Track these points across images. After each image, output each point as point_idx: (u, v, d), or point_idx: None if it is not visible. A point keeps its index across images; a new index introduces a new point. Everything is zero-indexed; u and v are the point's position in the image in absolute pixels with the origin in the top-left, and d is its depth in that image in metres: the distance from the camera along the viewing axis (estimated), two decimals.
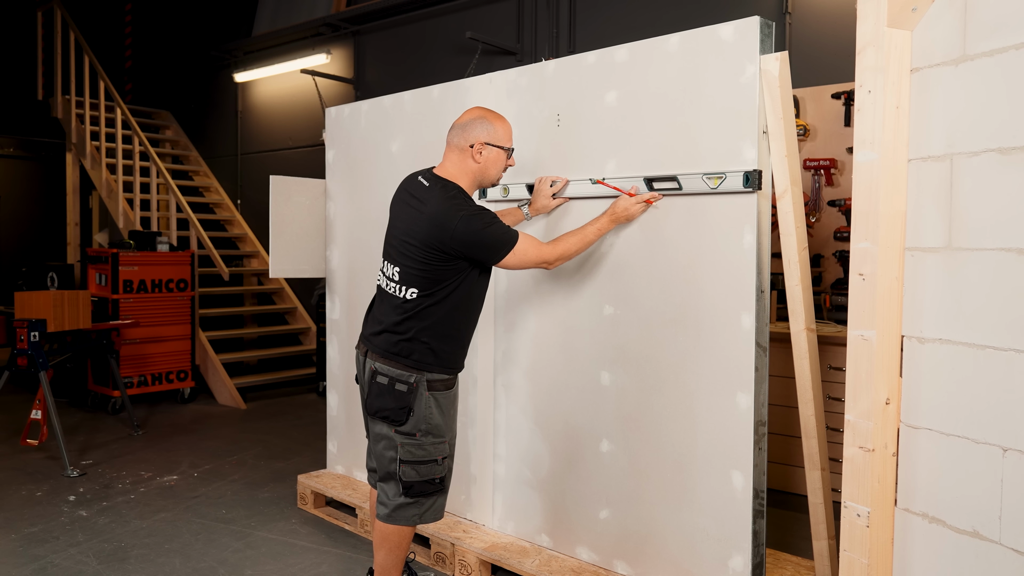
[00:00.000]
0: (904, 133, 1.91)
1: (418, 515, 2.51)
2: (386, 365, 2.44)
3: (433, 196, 2.41)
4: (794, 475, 4.00)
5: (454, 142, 2.48)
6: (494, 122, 2.48)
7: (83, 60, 7.53)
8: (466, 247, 2.36)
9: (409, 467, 2.45)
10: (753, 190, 2.36)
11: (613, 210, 2.57)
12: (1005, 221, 1.69)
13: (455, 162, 2.48)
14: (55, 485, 4.17)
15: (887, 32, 1.87)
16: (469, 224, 2.33)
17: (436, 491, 2.52)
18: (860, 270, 1.94)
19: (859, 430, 1.94)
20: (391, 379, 2.42)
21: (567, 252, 2.50)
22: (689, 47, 2.51)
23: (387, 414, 2.43)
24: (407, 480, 2.46)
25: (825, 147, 4.41)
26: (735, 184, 2.39)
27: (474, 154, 2.46)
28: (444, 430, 2.49)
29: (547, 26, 5.70)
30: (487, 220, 2.38)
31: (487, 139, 2.45)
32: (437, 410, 2.46)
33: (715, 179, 2.43)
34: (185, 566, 3.17)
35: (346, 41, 7.06)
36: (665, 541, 2.61)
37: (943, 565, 1.83)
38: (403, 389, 2.41)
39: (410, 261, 2.42)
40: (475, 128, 2.46)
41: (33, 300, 4.84)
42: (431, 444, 2.46)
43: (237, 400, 6.22)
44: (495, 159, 2.49)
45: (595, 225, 2.56)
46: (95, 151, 7.46)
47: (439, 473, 2.49)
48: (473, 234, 2.34)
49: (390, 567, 2.57)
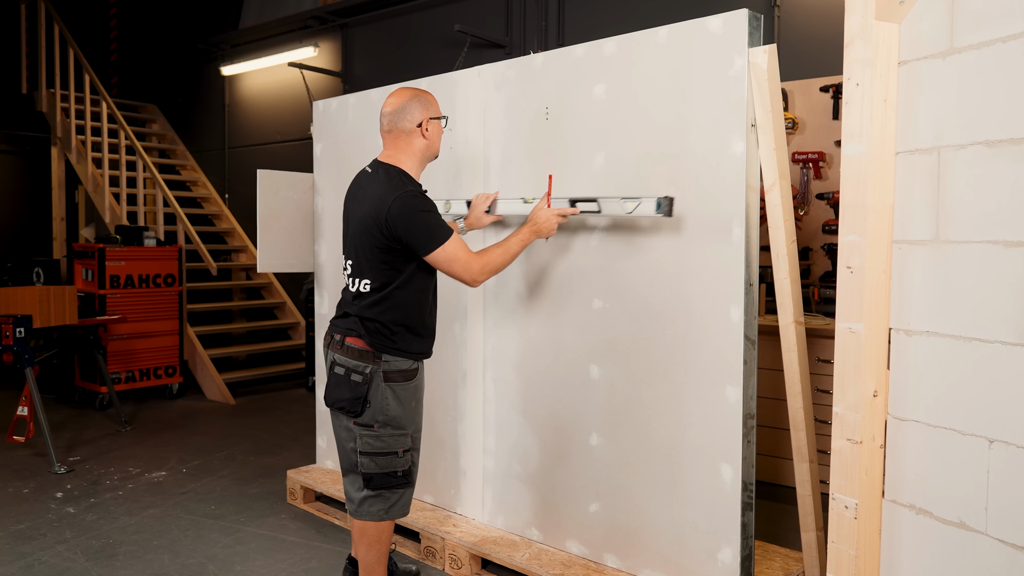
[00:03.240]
0: (892, 126, 1.91)
1: (384, 510, 2.50)
2: (343, 356, 2.45)
3: (376, 179, 2.44)
4: (782, 467, 4.02)
5: (396, 127, 2.48)
6: (427, 97, 2.51)
7: (68, 53, 7.45)
8: (399, 227, 2.33)
9: (368, 459, 2.44)
10: (664, 215, 2.44)
11: (533, 221, 2.58)
12: (992, 214, 1.70)
13: (400, 147, 2.49)
14: (42, 482, 4.15)
15: (875, 25, 1.87)
16: (406, 204, 2.33)
17: (400, 484, 2.49)
18: (848, 263, 1.94)
19: (847, 422, 1.94)
20: (347, 369, 2.43)
21: (491, 263, 2.47)
22: (678, 40, 2.50)
23: (343, 404, 2.43)
24: (366, 472, 2.45)
25: (813, 140, 4.42)
26: (648, 209, 2.48)
27: (423, 131, 2.48)
28: (404, 422, 2.47)
29: (536, 19, 5.68)
30: (425, 206, 2.37)
31: (430, 114, 2.49)
32: (395, 401, 2.44)
33: (631, 203, 2.52)
34: (174, 562, 3.15)
35: (334, 34, 7.02)
36: (655, 534, 2.62)
37: (930, 556, 1.84)
38: (358, 380, 2.41)
39: (360, 252, 2.44)
40: (415, 108, 2.47)
41: (19, 296, 4.80)
42: (389, 436, 2.44)
43: (226, 395, 6.19)
44: (438, 130, 2.53)
45: (517, 237, 2.54)
46: (81, 145, 7.39)
47: (400, 466, 2.47)
48: (407, 216, 2.32)
49: (373, 562, 2.56)
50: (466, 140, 3.16)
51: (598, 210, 2.58)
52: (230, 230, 7.81)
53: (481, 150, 3.11)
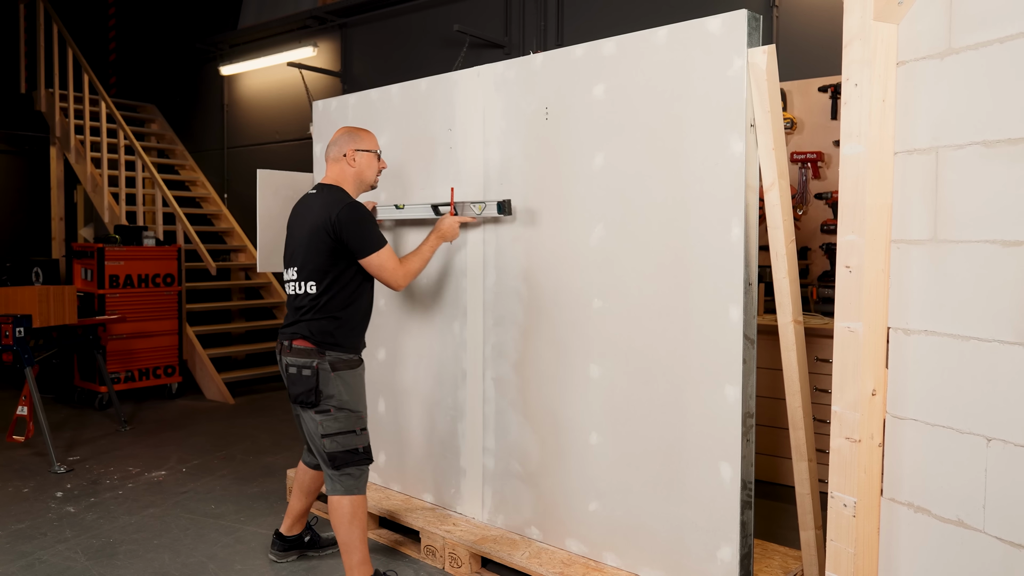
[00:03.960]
0: (890, 126, 1.92)
1: (355, 485, 2.77)
2: (293, 356, 2.76)
3: (321, 197, 2.81)
4: (780, 466, 4.03)
5: (331, 156, 2.90)
6: (358, 133, 2.91)
7: (67, 53, 7.45)
8: (344, 232, 2.69)
9: (330, 440, 2.74)
10: (505, 216, 2.96)
11: (438, 229, 2.97)
12: (989, 214, 1.71)
13: (336, 172, 2.89)
14: (42, 481, 4.15)
15: (874, 26, 1.88)
16: (351, 212, 2.71)
17: (362, 461, 2.78)
18: (847, 262, 1.95)
19: (846, 421, 1.96)
20: (298, 367, 2.75)
21: (411, 270, 2.85)
22: (677, 40, 2.51)
23: (302, 398, 2.75)
24: (331, 451, 2.74)
25: (812, 140, 4.43)
26: (492, 211, 2.97)
27: (349, 161, 2.86)
28: (356, 405, 2.79)
29: (535, 19, 5.69)
30: (366, 216, 2.75)
31: (357, 147, 2.87)
32: (344, 387, 2.76)
33: (479, 206, 3.01)
34: (175, 561, 3.16)
35: (333, 34, 7.02)
36: (654, 532, 2.63)
37: (928, 553, 1.85)
38: (308, 374, 2.73)
39: (307, 257, 2.76)
40: (344, 140, 2.88)
41: (18, 295, 4.80)
42: (345, 417, 2.76)
43: (225, 395, 6.20)
44: (367, 161, 2.89)
45: (427, 244, 2.94)
46: (79, 145, 7.39)
47: (360, 443, 2.78)
48: (352, 223, 2.70)
49: (357, 540, 2.74)
50: (465, 140, 3.17)
51: (457, 213, 3.05)
52: (229, 230, 7.81)
53: (480, 150, 3.12)
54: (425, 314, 3.38)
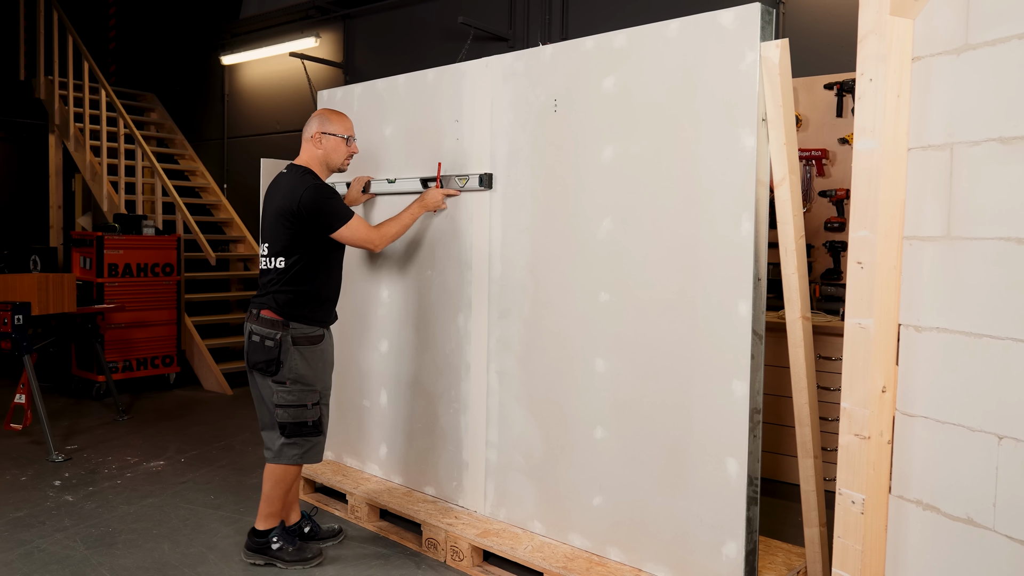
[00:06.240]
0: (905, 122, 1.91)
1: (299, 455, 2.95)
2: (258, 325, 2.89)
3: (289, 177, 2.94)
4: (783, 463, 4.03)
5: (304, 136, 3.01)
6: (330, 116, 3.01)
7: (66, 40, 7.39)
8: (310, 212, 2.83)
9: (283, 410, 2.89)
10: (485, 189, 3.05)
11: (422, 198, 3.13)
12: (1005, 211, 1.70)
13: (307, 153, 3.01)
14: (40, 470, 4.13)
15: (889, 20, 1.87)
16: (314, 193, 2.85)
17: (311, 433, 2.95)
18: (858, 258, 1.94)
19: (855, 417, 1.95)
20: (262, 337, 2.88)
21: (388, 233, 3.03)
22: (689, 33, 2.50)
23: (261, 366, 2.88)
24: (282, 421, 2.90)
25: (817, 137, 4.42)
26: (474, 184, 3.08)
27: (315, 143, 2.98)
28: (312, 380, 2.93)
29: (539, 12, 5.66)
30: (329, 194, 2.89)
31: (323, 129, 2.98)
32: (303, 362, 2.90)
33: (463, 179, 3.12)
34: (174, 551, 3.14)
35: (336, 25, 6.99)
36: (659, 527, 2.62)
37: (937, 551, 1.85)
38: (271, 344, 2.86)
39: (276, 234, 2.90)
40: (314, 123, 2.99)
41: (17, 283, 4.77)
42: (300, 391, 2.90)
43: (223, 386, 6.18)
44: (335, 145, 3.00)
45: (408, 211, 3.10)
46: (79, 133, 7.34)
47: (310, 417, 2.93)
48: (316, 203, 2.84)
49: (277, 496, 2.98)
50: (472, 132, 3.15)
51: (442, 186, 3.19)
52: (228, 220, 7.78)
53: (488, 142, 3.10)
54: (429, 306, 3.36)
